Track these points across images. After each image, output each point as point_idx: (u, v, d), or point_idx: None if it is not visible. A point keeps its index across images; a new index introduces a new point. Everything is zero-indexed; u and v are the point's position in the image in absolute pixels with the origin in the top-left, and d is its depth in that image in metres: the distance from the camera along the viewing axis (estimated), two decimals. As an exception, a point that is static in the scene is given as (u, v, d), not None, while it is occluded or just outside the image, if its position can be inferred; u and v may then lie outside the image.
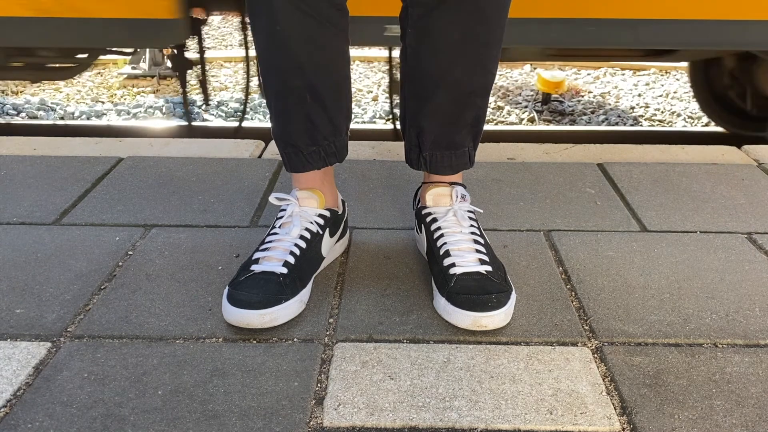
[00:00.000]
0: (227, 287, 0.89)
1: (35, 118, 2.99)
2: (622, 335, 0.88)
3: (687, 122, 3.01)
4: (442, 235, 0.95)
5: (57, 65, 1.90)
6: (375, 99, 3.33)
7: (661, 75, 3.75)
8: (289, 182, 1.32)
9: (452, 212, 0.97)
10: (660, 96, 3.38)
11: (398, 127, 1.15)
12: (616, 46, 1.64)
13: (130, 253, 1.06)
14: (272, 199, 0.97)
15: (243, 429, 0.71)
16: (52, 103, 3.13)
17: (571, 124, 2.98)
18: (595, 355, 0.84)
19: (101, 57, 2.17)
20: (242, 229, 1.14)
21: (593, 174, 1.39)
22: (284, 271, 0.89)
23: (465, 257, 0.92)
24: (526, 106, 3.19)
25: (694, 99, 2.45)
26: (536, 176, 1.37)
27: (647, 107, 3.20)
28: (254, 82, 2.23)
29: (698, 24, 1.59)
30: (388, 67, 2.26)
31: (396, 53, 1.97)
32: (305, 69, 0.88)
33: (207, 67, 2.03)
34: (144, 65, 3.49)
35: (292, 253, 0.92)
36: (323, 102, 0.91)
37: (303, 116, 0.92)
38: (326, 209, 0.99)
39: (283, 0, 0.84)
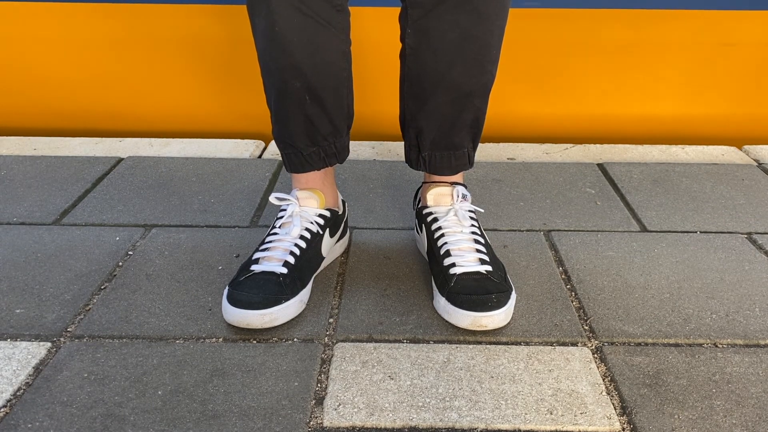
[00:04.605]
0: (227, 287, 0.89)
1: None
2: (622, 335, 0.88)
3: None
4: (442, 235, 0.95)
5: None
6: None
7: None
8: (289, 182, 1.32)
9: (453, 212, 0.97)
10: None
11: None
12: None
13: (130, 253, 1.06)
14: (272, 199, 0.97)
15: (243, 429, 0.71)
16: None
17: None
18: (595, 355, 0.84)
19: None
20: (242, 229, 1.14)
21: (593, 174, 1.39)
22: (284, 271, 0.89)
23: (465, 257, 0.92)
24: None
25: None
26: (536, 176, 1.37)
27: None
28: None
29: None
30: None
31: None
32: (304, 70, 0.88)
33: None
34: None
35: (292, 253, 0.92)
36: (323, 103, 0.91)
37: (302, 117, 0.92)
38: (326, 209, 0.99)
39: (282, 1, 0.84)
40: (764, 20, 1.60)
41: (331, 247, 1.01)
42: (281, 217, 0.97)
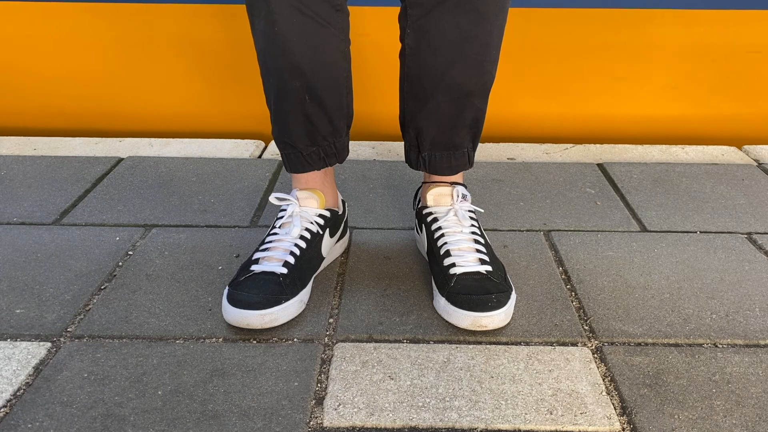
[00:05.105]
0: (227, 287, 0.89)
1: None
2: (622, 335, 0.88)
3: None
4: (442, 235, 0.95)
5: None
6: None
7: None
8: (289, 182, 1.32)
9: (453, 212, 0.97)
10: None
11: None
12: None
13: (130, 253, 1.06)
14: (272, 199, 0.97)
15: (243, 429, 0.71)
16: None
17: None
18: (595, 355, 0.84)
19: None
20: (242, 229, 1.14)
21: (593, 174, 1.39)
22: (284, 271, 0.89)
23: (465, 257, 0.91)
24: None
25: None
26: (536, 176, 1.37)
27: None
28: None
29: None
30: None
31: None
32: (304, 70, 0.88)
33: None
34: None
35: (292, 253, 0.92)
36: (322, 103, 0.91)
37: (302, 117, 0.92)
38: (326, 209, 0.99)
39: (281, 1, 0.84)
40: (764, 20, 1.60)
41: (331, 247, 1.01)
42: (281, 217, 0.97)
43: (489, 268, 0.91)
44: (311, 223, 0.96)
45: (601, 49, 1.63)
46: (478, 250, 0.93)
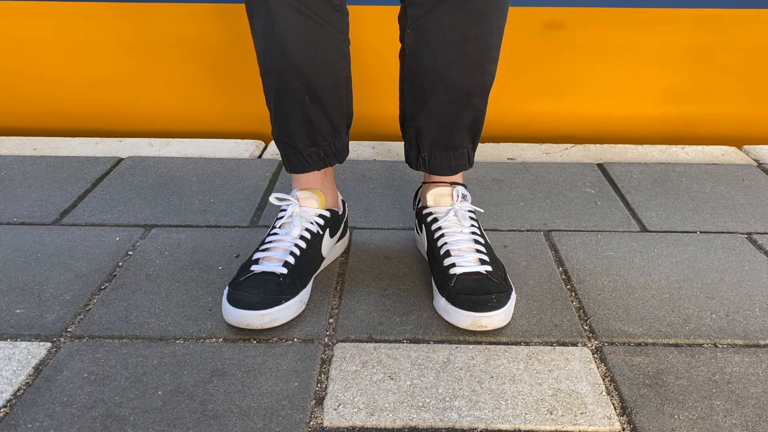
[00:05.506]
0: (227, 287, 0.89)
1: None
2: (622, 335, 0.88)
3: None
4: (442, 235, 0.95)
5: None
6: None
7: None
8: (289, 182, 1.32)
9: (453, 212, 0.97)
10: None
11: None
12: None
13: (130, 253, 1.06)
14: (272, 199, 0.97)
15: (243, 429, 0.71)
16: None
17: None
18: (595, 355, 0.84)
19: None
20: (242, 229, 1.14)
21: (593, 174, 1.39)
22: (284, 271, 0.89)
23: (465, 257, 0.92)
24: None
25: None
26: (536, 176, 1.37)
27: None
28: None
29: None
30: None
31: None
32: (304, 70, 0.88)
33: None
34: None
35: (292, 253, 0.92)
36: (322, 103, 0.91)
37: (302, 117, 0.92)
38: (326, 209, 0.99)
39: (281, 1, 0.84)
40: (764, 19, 1.60)
41: (331, 248, 1.01)
42: (281, 218, 0.97)
43: (489, 268, 0.91)
44: (311, 223, 0.96)
45: (601, 48, 1.63)
46: (478, 250, 0.93)
